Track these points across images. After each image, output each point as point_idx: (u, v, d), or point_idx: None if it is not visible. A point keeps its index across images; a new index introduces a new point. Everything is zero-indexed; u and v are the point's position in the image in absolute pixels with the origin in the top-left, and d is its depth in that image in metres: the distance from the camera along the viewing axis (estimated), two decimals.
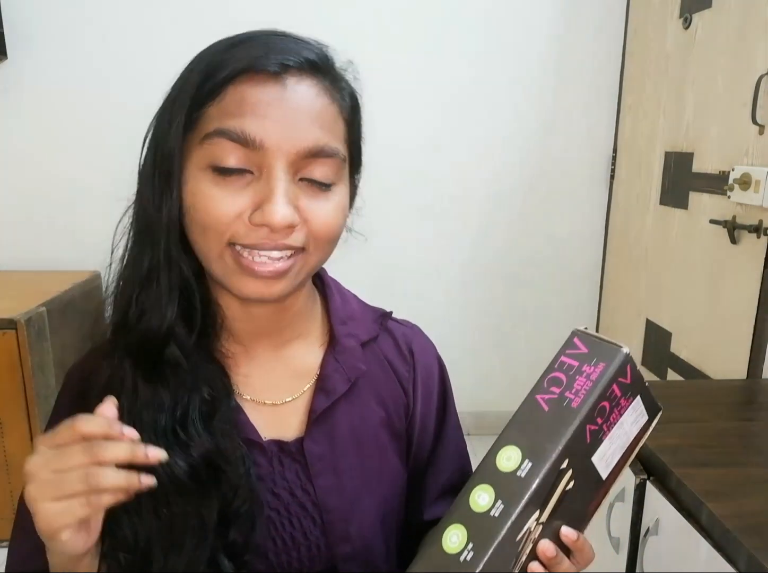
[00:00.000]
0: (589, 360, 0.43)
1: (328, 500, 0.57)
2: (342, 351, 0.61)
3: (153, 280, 0.52)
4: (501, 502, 0.40)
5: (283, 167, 0.48)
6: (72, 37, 2.05)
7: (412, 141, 2.20)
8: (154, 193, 0.50)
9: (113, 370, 0.52)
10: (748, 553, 0.73)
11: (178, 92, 0.50)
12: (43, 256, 2.18)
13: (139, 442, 0.44)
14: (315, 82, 0.49)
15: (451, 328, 2.36)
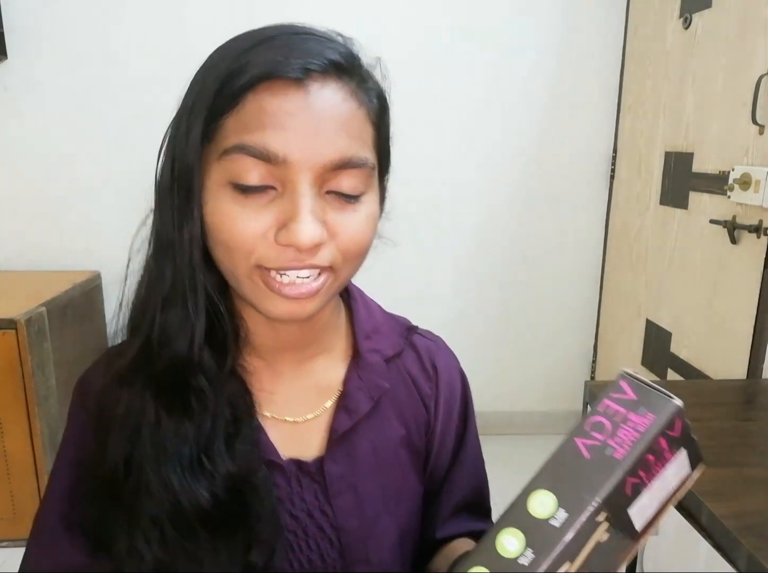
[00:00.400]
0: (636, 408, 0.40)
1: (347, 521, 0.56)
2: (366, 367, 0.58)
3: (176, 301, 0.49)
4: (531, 551, 0.37)
5: (308, 182, 0.45)
6: (72, 37, 2.04)
7: (412, 141, 2.20)
8: (174, 210, 0.48)
9: (133, 401, 0.50)
10: (748, 553, 0.73)
11: (195, 99, 0.47)
12: (43, 256, 2.18)
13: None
14: (340, 86, 0.46)
15: (450, 328, 2.36)
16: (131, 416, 0.50)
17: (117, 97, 2.07)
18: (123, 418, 0.50)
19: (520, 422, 2.42)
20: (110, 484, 0.49)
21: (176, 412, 0.49)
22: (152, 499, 0.48)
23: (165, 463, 0.48)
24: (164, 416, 0.49)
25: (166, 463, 0.48)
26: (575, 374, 2.42)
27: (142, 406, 0.50)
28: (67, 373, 1.83)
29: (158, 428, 0.49)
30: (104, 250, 2.13)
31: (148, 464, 0.48)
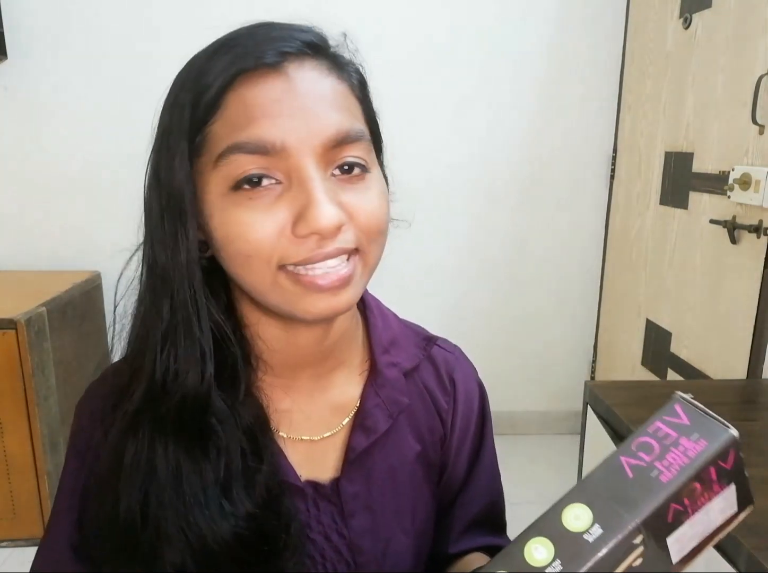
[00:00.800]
0: (689, 433, 0.39)
1: (362, 542, 0.54)
2: (384, 383, 0.56)
3: (179, 333, 0.46)
4: (560, 563, 0.36)
5: (313, 164, 0.42)
6: (72, 37, 2.05)
7: (411, 141, 2.20)
8: (167, 236, 0.45)
9: (141, 448, 0.47)
10: (748, 553, 0.73)
11: (170, 120, 0.44)
12: (43, 256, 2.18)
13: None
14: (317, 63, 0.44)
15: (450, 328, 2.36)
16: (141, 464, 0.47)
17: (117, 97, 2.07)
18: (133, 468, 0.47)
19: (520, 422, 2.42)
20: (126, 538, 0.47)
21: (195, 453, 0.47)
22: (174, 546, 0.46)
23: (188, 507, 0.46)
24: (182, 459, 0.47)
25: (189, 507, 0.46)
26: (575, 374, 2.42)
27: (153, 452, 0.47)
28: (67, 373, 1.83)
29: (176, 472, 0.46)
30: (104, 250, 2.13)
31: (169, 510, 0.46)
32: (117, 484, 0.47)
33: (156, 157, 0.46)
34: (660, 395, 1.24)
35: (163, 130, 0.46)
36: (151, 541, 0.46)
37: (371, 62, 0.54)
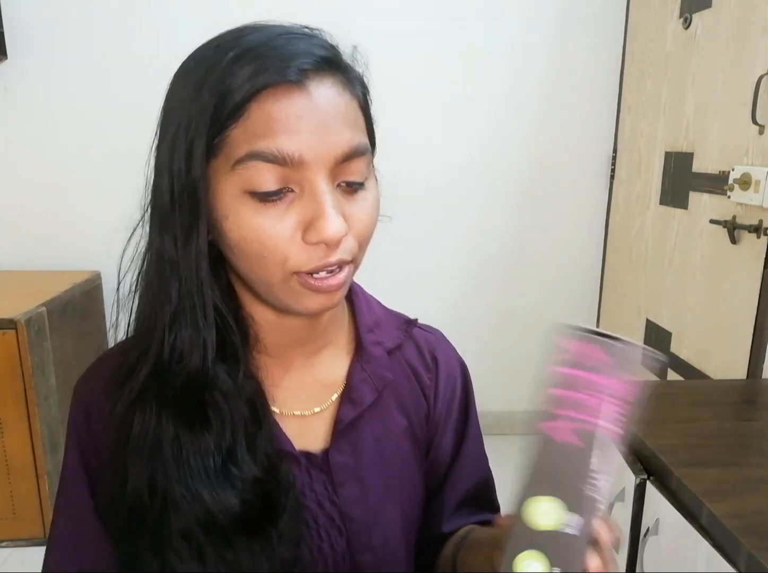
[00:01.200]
0: (597, 368, 0.35)
1: (352, 509, 0.57)
2: (369, 360, 0.60)
3: (186, 319, 0.50)
4: (559, 569, 0.34)
5: (324, 179, 0.46)
6: (72, 37, 2.05)
7: (410, 140, 2.20)
8: (179, 229, 0.48)
9: (148, 424, 0.50)
10: (748, 553, 0.73)
11: (189, 115, 0.46)
12: (43, 256, 2.18)
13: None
14: (334, 81, 0.48)
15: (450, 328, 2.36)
16: (148, 438, 0.50)
17: (117, 97, 2.07)
18: (140, 441, 0.50)
19: (520, 422, 2.42)
20: (134, 511, 0.50)
21: (196, 427, 0.50)
22: (181, 515, 0.48)
23: (192, 478, 0.49)
24: (183, 433, 0.50)
25: (193, 478, 0.49)
26: None
27: (159, 427, 0.50)
28: (67, 373, 1.83)
29: (179, 445, 0.49)
30: (104, 250, 2.11)
31: (175, 482, 0.49)
32: (125, 458, 0.50)
33: (169, 149, 0.48)
34: (660, 395, 1.24)
35: (179, 124, 0.47)
36: (158, 511, 0.49)
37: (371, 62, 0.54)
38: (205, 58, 0.48)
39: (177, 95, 0.48)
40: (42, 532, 1.76)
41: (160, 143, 0.49)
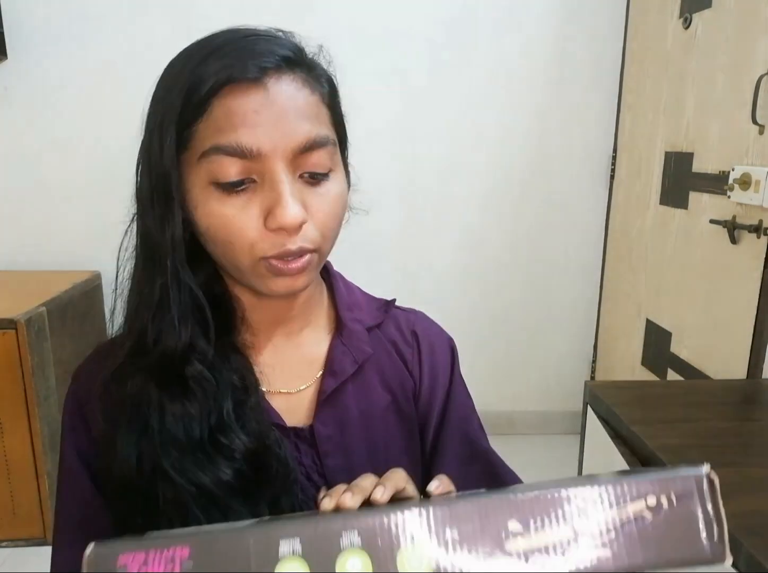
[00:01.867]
0: None
1: (337, 480, 0.58)
2: (349, 335, 0.63)
3: (166, 301, 0.53)
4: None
5: (283, 169, 0.49)
6: (72, 37, 2.05)
7: (409, 139, 2.20)
8: (156, 216, 0.51)
9: (135, 393, 0.53)
10: (748, 553, 0.73)
11: (163, 112, 0.50)
12: (43, 256, 2.18)
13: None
14: (293, 77, 0.50)
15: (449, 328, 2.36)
16: (135, 410, 0.52)
17: (117, 97, 2.07)
18: (127, 414, 0.52)
19: (520, 422, 2.42)
20: (124, 483, 0.51)
21: (177, 397, 0.52)
22: (171, 485, 0.50)
23: (176, 448, 0.50)
24: (167, 403, 0.52)
25: (178, 448, 0.50)
26: (575, 374, 2.42)
27: (143, 398, 0.52)
28: (67, 373, 1.83)
29: (163, 414, 0.52)
30: (104, 250, 2.12)
31: (162, 453, 0.50)
32: (114, 428, 0.52)
33: (148, 142, 0.52)
34: (660, 395, 1.24)
35: (155, 118, 0.51)
36: (148, 483, 0.51)
37: (371, 62, 0.55)
38: (178, 61, 0.52)
39: (156, 94, 0.52)
40: (42, 532, 1.76)
41: (142, 138, 0.53)
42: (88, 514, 0.58)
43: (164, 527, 0.49)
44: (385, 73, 2.11)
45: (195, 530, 0.39)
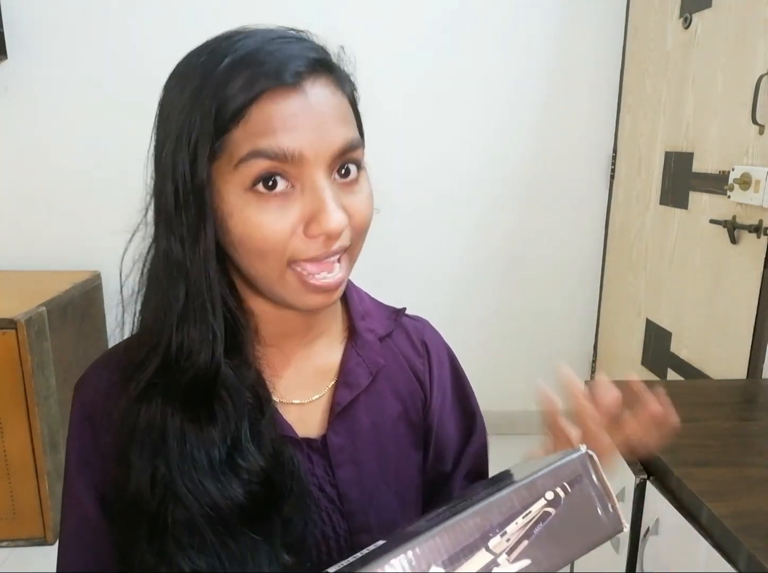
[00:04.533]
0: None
1: (349, 491, 0.59)
2: (363, 345, 0.63)
3: (195, 317, 0.51)
4: None
5: (323, 174, 0.49)
6: (72, 36, 2.05)
7: (410, 140, 2.20)
8: (186, 230, 0.49)
9: (153, 418, 0.51)
10: (748, 553, 0.73)
11: (189, 122, 0.48)
12: (43, 256, 2.18)
13: None
14: (326, 81, 0.50)
15: (450, 328, 2.36)
16: (154, 431, 0.51)
17: (117, 97, 2.07)
18: (145, 434, 0.51)
19: (520, 422, 2.41)
20: (136, 503, 0.50)
21: (202, 420, 0.51)
22: (182, 506, 0.49)
23: (196, 471, 0.50)
24: (188, 426, 0.51)
25: (198, 471, 0.50)
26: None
27: (164, 420, 0.51)
28: (67, 373, 1.83)
29: (184, 438, 0.50)
30: (104, 250, 2.12)
31: (178, 474, 0.49)
32: (128, 452, 0.51)
33: (172, 155, 0.49)
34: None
35: (180, 130, 0.48)
36: (159, 505, 0.50)
37: (371, 63, 0.55)
38: (200, 63, 0.49)
39: (175, 101, 0.49)
40: (42, 532, 1.76)
41: (161, 148, 0.50)
42: (86, 533, 0.57)
43: (172, 550, 0.49)
44: (384, 73, 2.11)
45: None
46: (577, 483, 0.38)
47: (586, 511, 0.37)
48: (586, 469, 0.38)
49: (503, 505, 0.37)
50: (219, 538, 0.49)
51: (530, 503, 0.37)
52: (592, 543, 0.38)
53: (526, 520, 0.37)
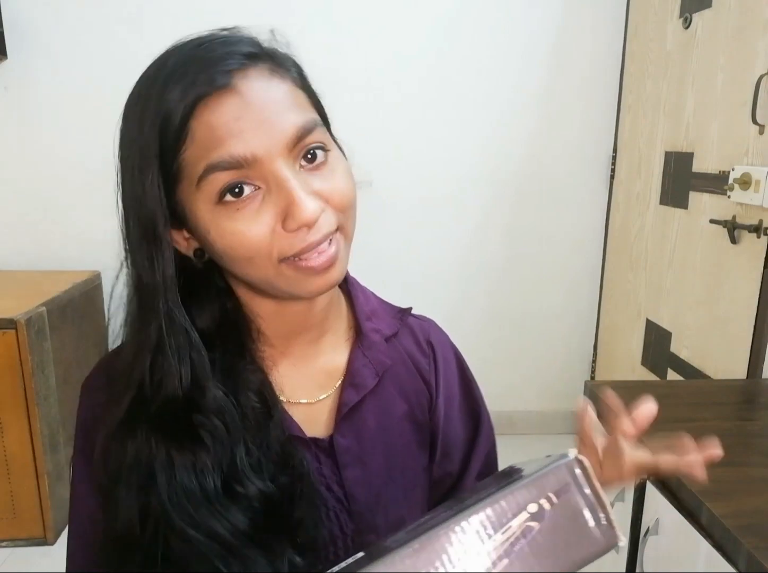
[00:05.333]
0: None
1: (356, 491, 0.59)
2: (369, 346, 0.62)
3: (163, 345, 0.51)
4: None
5: (284, 165, 0.47)
6: (72, 36, 2.05)
7: (410, 140, 2.20)
8: (145, 257, 0.50)
9: (139, 449, 0.50)
10: (747, 552, 0.73)
11: (139, 154, 0.48)
12: (43, 256, 2.18)
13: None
14: (261, 71, 0.49)
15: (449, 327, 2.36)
16: (140, 465, 0.50)
17: (117, 97, 2.06)
18: (130, 469, 0.50)
19: (520, 422, 2.41)
20: (126, 541, 0.50)
21: (187, 446, 0.50)
22: (182, 540, 0.48)
23: (189, 501, 0.48)
24: (175, 455, 0.50)
25: (191, 501, 0.48)
26: (575, 374, 2.42)
27: (149, 452, 0.50)
28: (67, 373, 1.83)
29: (173, 469, 0.49)
30: (104, 250, 2.12)
31: (172, 507, 0.48)
32: (116, 487, 0.50)
33: (130, 184, 0.50)
34: (660, 395, 1.23)
35: (131, 162, 0.49)
36: (151, 536, 0.49)
37: (372, 63, 0.55)
38: (139, 93, 0.50)
39: (125, 135, 0.51)
40: (42, 532, 1.76)
41: (122, 181, 0.52)
42: (91, 540, 0.56)
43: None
44: (383, 73, 2.11)
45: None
46: (564, 493, 0.34)
47: (576, 524, 0.34)
48: (575, 478, 0.34)
49: (478, 520, 0.34)
50: (225, 563, 0.48)
51: (510, 516, 0.34)
52: (583, 559, 0.34)
53: (506, 536, 0.34)
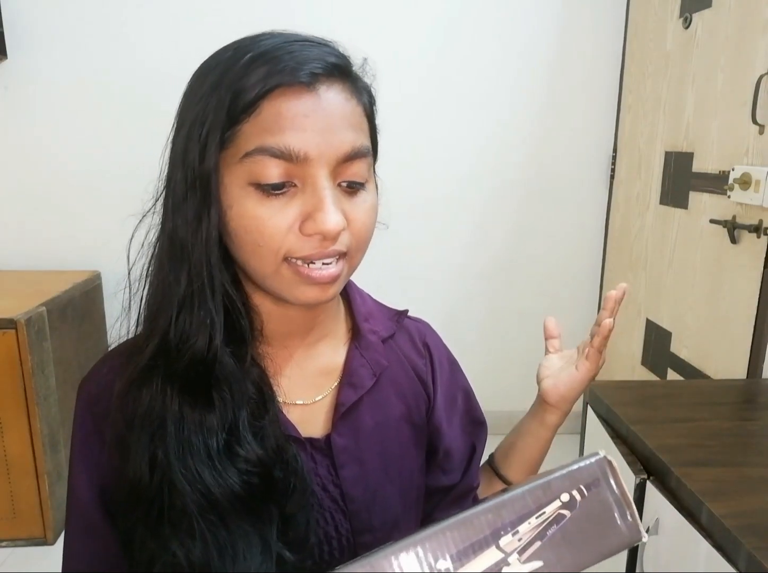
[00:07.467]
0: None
1: (353, 490, 0.60)
2: (366, 346, 0.63)
3: (194, 302, 0.51)
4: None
5: (326, 176, 0.49)
6: (72, 36, 2.05)
7: (410, 139, 2.20)
8: (191, 215, 0.50)
9: (154, 400, 0.51)
10: (747, 552, 0.73)
11: (207, 110, 0.49)
12: (43, 256, 2.18)
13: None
14: (342, 87, 0.51)
15: (450, 328, 2.36)
16: (153, 415, 0.51)
17: (117, 96, 2.07)
18: (144, 418, 0.51)
19: None
20: (134, 488, 0.50)
21: (199, 405, 0.51)
22: (179, 493, 0.49)
23: (193, 457, 0.50)
24: (187, 411, 0.51)
25: (194, 457, 0.50)
26: None
27: (163, 404, 0.51)
28: (67, 373, 1.83)
29: (182, 423, 0.51)
30: (104, 250, 2.13)
31: (176, 460, 0.50)
32: (128, 436, 0.51)
33: (185, 141, 0.51)
34: (660, 395, 1.24)
35: (195, 118, 0.50)
36: (157, 490, 0.50)
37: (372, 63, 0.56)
38: (224, 59, 0.51)
39: (195, 91, 0.51)
40: (42, 532, 1.76)
41: (176, 135, 0.52)
42: (96, 542, 0.56)
43: (168, 537, 0.49)
44: (384, 72, 2.10)
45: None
46: (594, 487, 0.37)
47: (604, 517, 0.37)
48: (605, 474, 0.37)
49: (516, 503, 0.36)
50: (209, 526, 0.49)
51: (545, 504, 0.36)
52: (608, 550, 0.36)
53: (540, 520, 0.36)
